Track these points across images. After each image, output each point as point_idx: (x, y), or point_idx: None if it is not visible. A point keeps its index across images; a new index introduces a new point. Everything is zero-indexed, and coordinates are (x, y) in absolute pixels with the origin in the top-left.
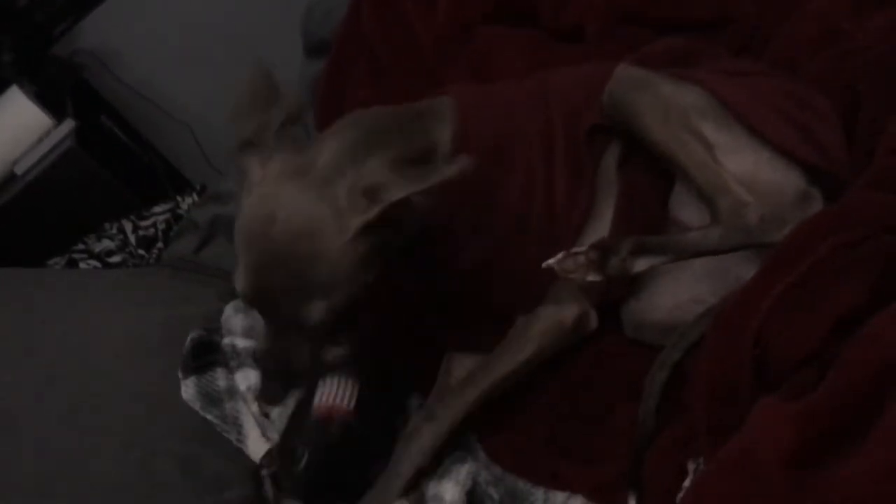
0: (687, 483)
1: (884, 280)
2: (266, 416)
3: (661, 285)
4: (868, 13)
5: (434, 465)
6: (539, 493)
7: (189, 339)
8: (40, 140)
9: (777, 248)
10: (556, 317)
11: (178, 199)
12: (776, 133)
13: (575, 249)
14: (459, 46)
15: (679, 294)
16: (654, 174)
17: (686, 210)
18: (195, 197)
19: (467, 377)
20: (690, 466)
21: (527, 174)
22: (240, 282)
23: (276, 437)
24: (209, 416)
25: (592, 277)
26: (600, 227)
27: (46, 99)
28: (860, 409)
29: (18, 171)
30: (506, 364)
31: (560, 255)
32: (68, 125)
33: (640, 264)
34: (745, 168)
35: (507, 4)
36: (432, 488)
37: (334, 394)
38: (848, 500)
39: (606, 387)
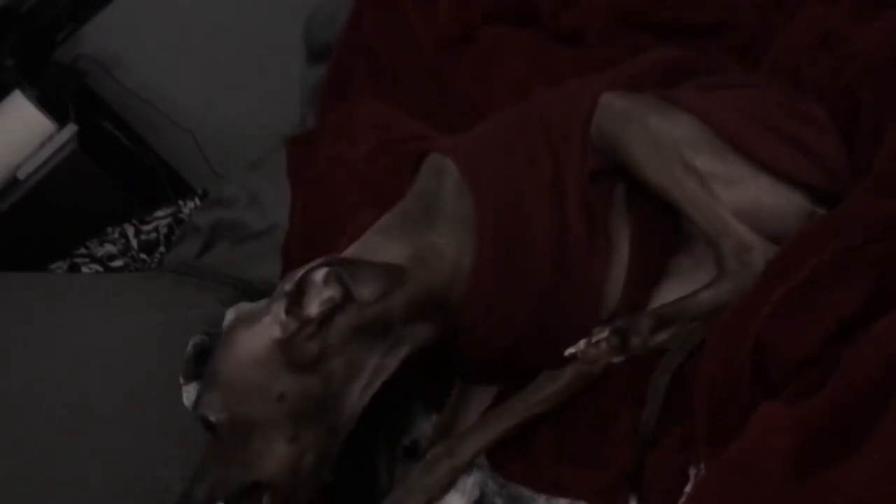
0: (688, 489)
1: (884, 284)
2: None
3: (664, 289)
4: (868, 17)
5: None
6: (542, 501)
7: (191, 344)
8: (42, 144)
9: (778, 253)
10: (585, 371)
11: (180, 203)
12: (773, 155)
13: (595, 337)
14: (460, 47)
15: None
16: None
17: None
18: (197, 201)
19: (491, 416)
20: (692, 472)
21: (547, 242)
22: None
23: None
24: None
25: (616, 360)
26: (618, 266)
27: (49, 103)
28: (861, 412)
29: (21, 175)
30: (531, 409)
31: (582, 345)
32: (70, 129)
33: (661, 336)
34: (747, 198)
35: (507, 5)
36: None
37: None
38: (849, 502)
39: (610, 391)
